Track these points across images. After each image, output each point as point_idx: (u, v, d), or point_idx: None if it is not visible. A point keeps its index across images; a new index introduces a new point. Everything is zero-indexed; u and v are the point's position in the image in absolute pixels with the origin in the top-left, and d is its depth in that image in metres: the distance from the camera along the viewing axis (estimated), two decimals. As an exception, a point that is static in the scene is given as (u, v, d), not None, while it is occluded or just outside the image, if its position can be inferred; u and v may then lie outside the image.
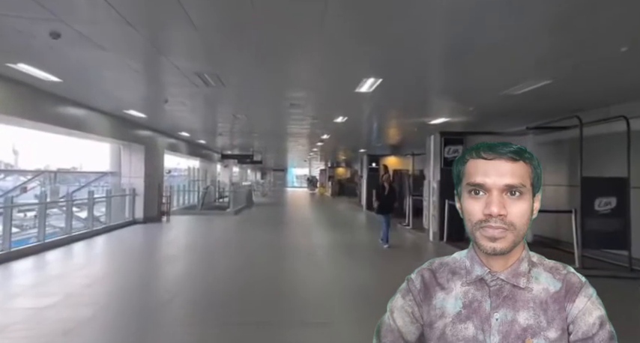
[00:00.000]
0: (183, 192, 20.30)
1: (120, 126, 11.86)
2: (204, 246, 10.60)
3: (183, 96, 9.04)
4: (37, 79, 7.17)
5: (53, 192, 11.91)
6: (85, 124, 10.18)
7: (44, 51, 5.68)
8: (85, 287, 6.25)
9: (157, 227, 13.48)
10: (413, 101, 8.66)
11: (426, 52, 5.61)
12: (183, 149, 18.61)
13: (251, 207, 22.29)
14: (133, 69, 6.57)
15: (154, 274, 7.61)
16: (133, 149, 13.61)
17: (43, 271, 7.84)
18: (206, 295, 6.05)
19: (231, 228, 14.49)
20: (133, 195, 13.60)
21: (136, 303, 5.70)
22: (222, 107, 10.48)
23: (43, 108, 8.41)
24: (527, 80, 6.48)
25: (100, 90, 8.36)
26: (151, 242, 11.54)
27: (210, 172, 25.80)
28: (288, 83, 7.72)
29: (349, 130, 13.83)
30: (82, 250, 9.63)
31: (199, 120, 13.13)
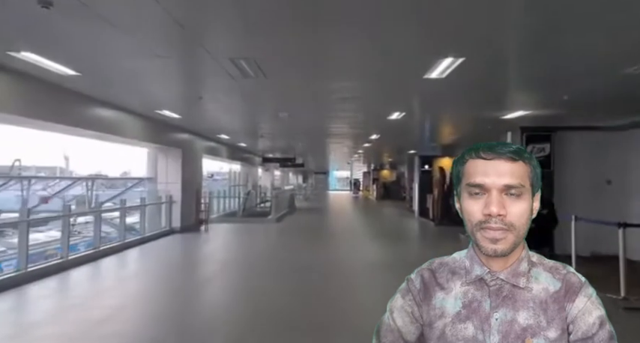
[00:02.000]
0: (223, 197, 19.35)
1: (153, 128, 10.89)
2: (244, 263, 9.41)
3: (219, 92, 7.89)
4: (57, 74, 6.21)
5: (80, 201, 11.13)
6: (114, 126, 9.22)
7: (48, 34, 4.63)
8: (107, 316, 5.13)
9: (194, 237, 12.46)
10: (493, 89, 7.09)
11: (522, 19, 4.19)
12: (223, 152, 17.66)
13: (293, 212, 21.14)
14: (155, 55, 5.42)
15: (191, 297, 6.42)
16: (169, 153, 12.71)
17: (55, 298, 6.86)
18: (253, 321, 4.86)
19: (273, 238, 13.30)
20: (169, 203, 12.67)
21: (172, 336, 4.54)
22: (263, 104, 9.24)
23: (63, 107, 7.41)
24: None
25: (124, 85, 7.31)
26: (187, 256, 10.46)
27: (252, 176, 24.88)
28: (340, 70, 6.38)
29: (403, 129, 12.33)
30: (106, 267, 8.63)
31: (238, 121, 12.02)
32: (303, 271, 8.02)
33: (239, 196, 20.22)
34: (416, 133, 13.98)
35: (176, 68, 6.29)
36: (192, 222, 13.44)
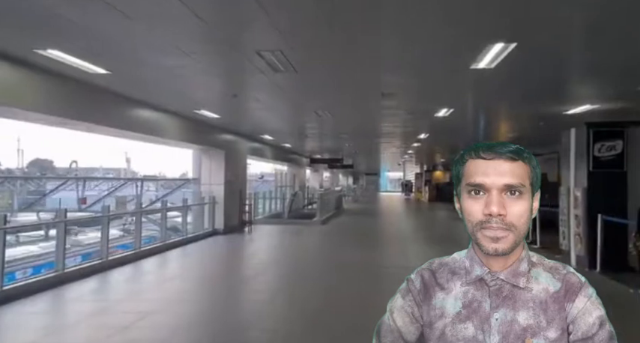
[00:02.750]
0: (269, 199, 19.25)
1: (194, 129, 10.82)
2: (281, 265, 9.09)
3: (253, 89, 7.62)
4: (90, 74, 6.15)
5: (119, 201, 11.28)
6: (153, 127, 9.18)
7: (71, 29, 4.48)
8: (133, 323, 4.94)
9: (235, 239, 12.32)
10: (551, 79, 6.30)
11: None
12: (267, 153, 17.53)
13: (341, 214, 20.69)
14: (181, 51, 5.18)
15: (231, 302, 6.15)
16: (212, 154, 12.67)
17: (86, 301, 6.82)
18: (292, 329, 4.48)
19: (316, 241, 12.90)
20: (212, 204, 12.63)
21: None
22: (300, 102, 8.85)
23: (102, 109, 7.40)
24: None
25: (155, 83, 7.16)
26: (225, 259, 10.28)
27: (299, 177, 24.70)
28: (379, 63, 5.88)
29: (453, 127, 11.56)
30: (141, 270, 8.58)
31: (278, 120, 11.73)
32: (342, 273, 7.56)
33: (283, 197, 20.03)
34: (468, 132, 13.13)
35: (204, 64, 6.03)
36: (235, 223, 13.34)
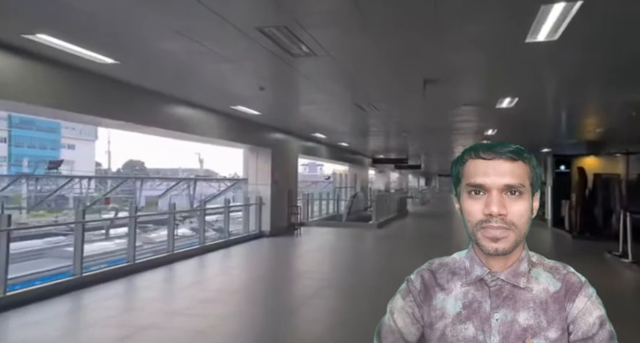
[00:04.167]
0: (326, 200, 18.56)
1: (236, 127, 10.34)
2: (318, 273, 8.29)
3: (277, 81, 6.92)
4: (97, 63, 5.80)
5: (149, 202, 11.14)
6: (188, 124, 8.79)
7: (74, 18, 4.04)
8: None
9: (281, 242, 11.68)
10: (635, 54, 4.93)
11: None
12: (322, 153, 16.80)
13: (404, 217, 19.48)
14: (179, 33, 4.59)
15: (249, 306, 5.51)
16: (258, 153, 12.20)
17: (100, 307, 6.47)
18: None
19: (368, 247, 11.95)
20: (259, 204, 12.14)
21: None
22: (337, 93, 7.90)
23: (113, 103, 7.04)
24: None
25: (190, 78, 6.69)
26: (263, 263, 9.69)
27: (361, 178, 23.76)
28: (415, 43, 4.90)
29: (523, 121, 10.10)
30: (172, 273, 8.20)
31: (325, 117, 10.88)
32: (368, 281, 6.62)
33: (338, 199, 19.22)
34: (543, 127, 11.51)
35: (217, 52, 5.41)
36: (283, 225, 12.77)
